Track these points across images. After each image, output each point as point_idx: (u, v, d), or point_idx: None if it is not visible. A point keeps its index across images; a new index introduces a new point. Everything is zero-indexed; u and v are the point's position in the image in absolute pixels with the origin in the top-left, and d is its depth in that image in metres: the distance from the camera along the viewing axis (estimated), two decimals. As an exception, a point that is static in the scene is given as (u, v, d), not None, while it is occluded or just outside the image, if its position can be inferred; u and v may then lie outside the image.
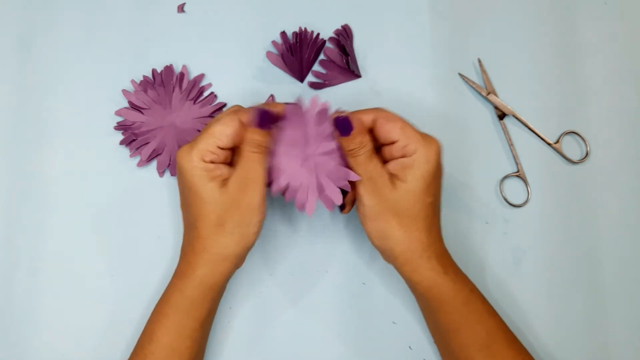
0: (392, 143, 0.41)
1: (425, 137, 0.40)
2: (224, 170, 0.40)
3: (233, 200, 0.40)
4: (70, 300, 0.48)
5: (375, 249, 0.43)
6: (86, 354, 0.47)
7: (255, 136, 0.40)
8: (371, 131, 0.42)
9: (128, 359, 0.42)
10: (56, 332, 0.48)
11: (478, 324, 0.41)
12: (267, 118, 0.40)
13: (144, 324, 0.42)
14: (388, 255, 0.42)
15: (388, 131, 0.40)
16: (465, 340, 0.41)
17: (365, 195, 0.40)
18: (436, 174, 0.41)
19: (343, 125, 0.40)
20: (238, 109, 0.41)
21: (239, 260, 0.42)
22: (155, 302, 0.43)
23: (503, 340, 0.41)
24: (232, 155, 0.42)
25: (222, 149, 0.40)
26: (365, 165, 0.40)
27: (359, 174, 0.40)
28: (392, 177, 0.40)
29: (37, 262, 0.49)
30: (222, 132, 0.40)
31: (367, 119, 0.41)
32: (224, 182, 0.40)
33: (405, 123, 0.41)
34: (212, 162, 0.40)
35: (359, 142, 0.40)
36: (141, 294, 0.48)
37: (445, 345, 0.43)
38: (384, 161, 0.42)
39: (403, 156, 0.40)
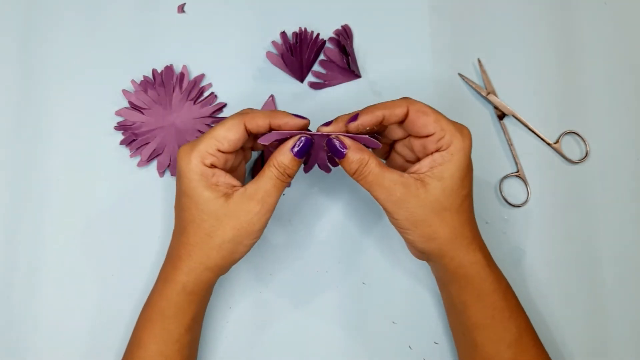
0: (427, 136, 0.39)
1: (458, 127, 0.39)
2: (221, 178, 0.39)
3: (232, 215, 0.38)
4: (69, 300, 0.48)
5: (415, 251, 0.42)
6: (86, 354, 0.48)
7: (287, 162, 0.39)
8: (400, 122, 0.40)
9: None
10: (55, 332, 0.48)
11: (511, 319, 0.41)
12: (309, 147, 0.39)
13: None
14: (433, 256, 0.41)
15: (423, 125, 0.38)
16: (496, 335, 0.40)
17: (395, 211, 0.39)
18: (470, 165, 0.40)
19: (334, 148, 0.39)
20: (246, 113, 0.40)
21: (222, 272, 0.41)
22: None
23: (530, 338, 0.41)
24: (232, 158, 0.41)
25: (222, 152, 0.39)
26: (381, 182, 0.38)
27: (375, 195, 0.39)
28: (422, 176, 0.38)
29: (37, 262, 0.49)
30: (224, 137, 0.38)
31: (399, 111, 0.39)
32: (226, 193, 0.39)
33: (438, 114, 0.39)
34: (212, 166, 0.38)
35: (358, 162, 0.39)
36: (141, 294, 0.48)
37: (471, 341, 0.42)
38: (416, 158, 0.41)
39: (437, 149, 0.39)
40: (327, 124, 0.40)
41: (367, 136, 0.39)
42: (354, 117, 0.39)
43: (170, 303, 0.40)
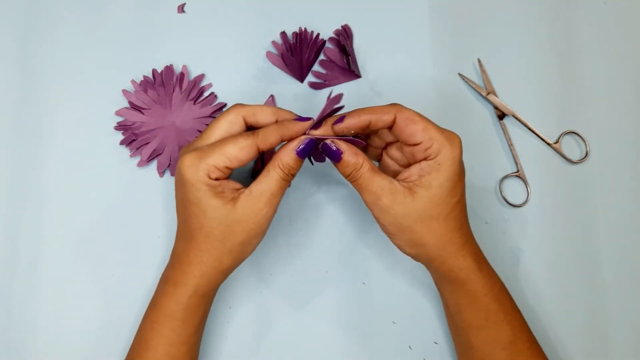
0: (414, 144, 0.39)
1: (448, 135, 0.39)
2: (227, 186, 0.39)
3: (241, 220, 0.39)
4: (69, 300, 0.48)
5: (405, 254, 0.42)
6: (86, 354, 0.48)
7: (292, 163, 0.39)
8: (389, 128, 0.40)
9: None
10: (55, 333, 0.48)
11: (505, 321, 0.41)
12: (313, 148, 0.39)
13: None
14: (422, 259, 0.41)
15: (411, 133, 0.38)
16: (491, 337, 0.41)
17: (381, 216, 0.39)
18: (460, 173, 0.39)
19: (330, 152, 0.39)
20: (256, 133, 0.39)
21: (232, 271, 0.42)
22: (155, 302, 0.43)
23: (526, 340, 0.41)
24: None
25: (229, 168, 0.38)
26: (370, 187, 0.39)
27: (363, 198, 0.40)
28: (411, 185, 0.39)
29: (36, 262, 0.49)
30: (235, 156, 0.38)
31: (386, 118, 0.39)
32: (232, 199, 0.38)
33: (426, 123, 0.39)
34: (218, 179, 0.38)
35: (353, 166, 0.39)
36: (141, 294, 0.48)
37: (466, 341, 0.42)
38: (407, 162, 0.41)
39: (426, 158, 0.39)
40: (317, 126, 0.40)
41: (351, 137, 0.40)
42: (340, 119, 0.39)
43: (181, 306, 0.40)
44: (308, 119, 0.40)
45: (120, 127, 0.51)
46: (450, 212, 0.39)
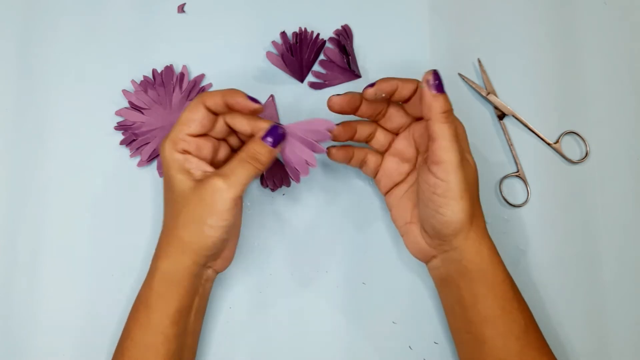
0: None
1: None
2: (194, 163, 0.41)
3: (197, 194, 0.39)
4: (70, 299, 0.48)
5: (421, 243, 0.44)
6: (86, 353, 0.48)
7: (261, 149, 0.40)
8: (405, 101, 0.43)
9: (112, 357, 0.42)
10: (56, 332, 0.48)
11: (519, 310, 0.41)
12: (277, 133, 0.41)
13: None
14: (453, 236, 0.41)
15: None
16: (506, 327, 0.40)
17: (454, 172, 0.40)
18: (460, 126, 0.45)
19: (437, 81, 0.40)
20: (203, 95, 0.41)
21: (199, 259, 0.40)
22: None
23: (535, 330, 0.42)
24: (206, 144, 0.42)
25: (193, 136, 0.41)
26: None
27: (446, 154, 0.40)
28: (425, 165, 0.42)
29: (36, 261, 0.49)
30: (188, 118, 0.40)
31: (410, 85, 0.42)
32: (198, 178, 0.40)
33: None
34: (185, 151, 0.40)
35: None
36: (141, 293, 0.48)
37: (479, 336, 0.41)
38: (411, 157, 0.45)
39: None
40: (371, 85, 0.42)
41: (312, 141, 0.42)
42: (372, 84, 0.42)
43: (152, 292, 0.41)
44: (257, 101, 0.41)
45: (120, 127, 0.51)
46: (472, 181, 0.42)
